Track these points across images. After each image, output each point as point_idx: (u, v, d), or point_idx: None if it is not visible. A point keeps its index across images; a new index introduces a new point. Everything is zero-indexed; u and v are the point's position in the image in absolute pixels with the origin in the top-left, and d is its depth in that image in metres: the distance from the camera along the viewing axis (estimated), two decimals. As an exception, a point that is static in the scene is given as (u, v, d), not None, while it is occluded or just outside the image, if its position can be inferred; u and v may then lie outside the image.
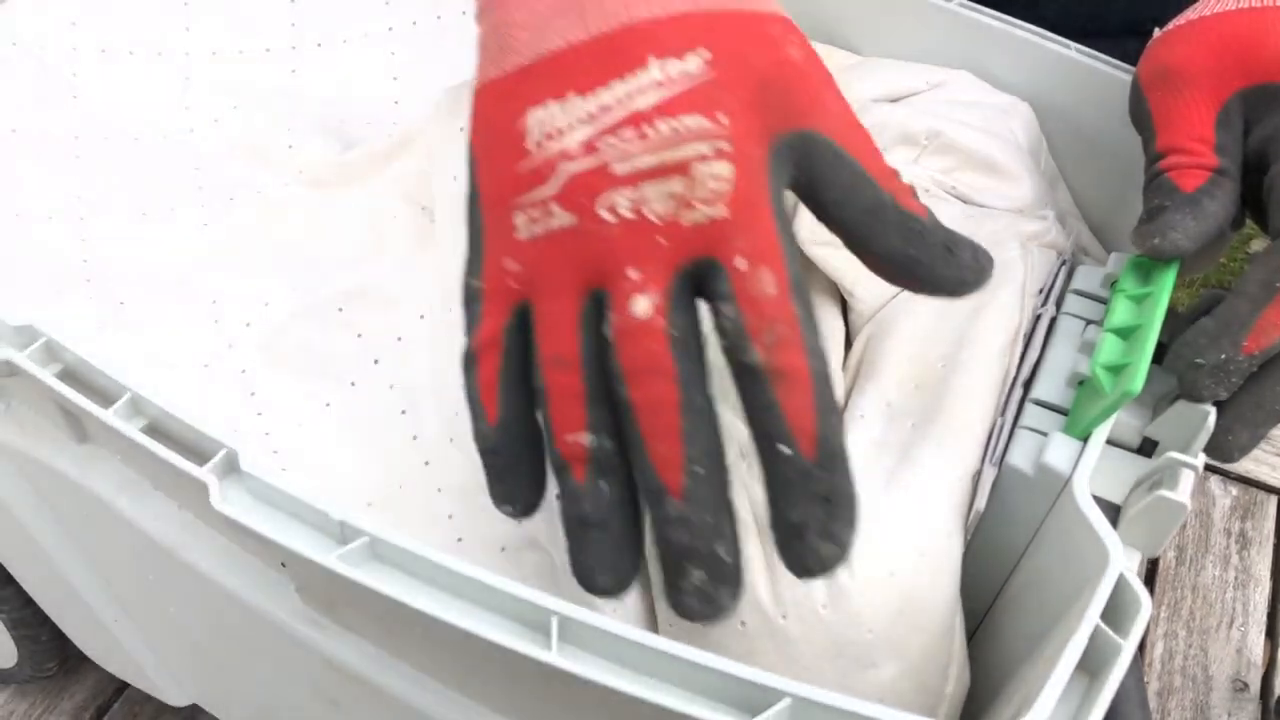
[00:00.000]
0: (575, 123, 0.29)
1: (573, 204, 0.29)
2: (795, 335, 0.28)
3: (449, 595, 0.30)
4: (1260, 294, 0.34)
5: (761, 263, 0.28)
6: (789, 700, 0.28)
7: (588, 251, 0.29)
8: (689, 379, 0.28)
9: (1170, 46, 0.40)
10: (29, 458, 0.41)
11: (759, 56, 0.30)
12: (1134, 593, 0.31)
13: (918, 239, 0.30)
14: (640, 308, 0.28)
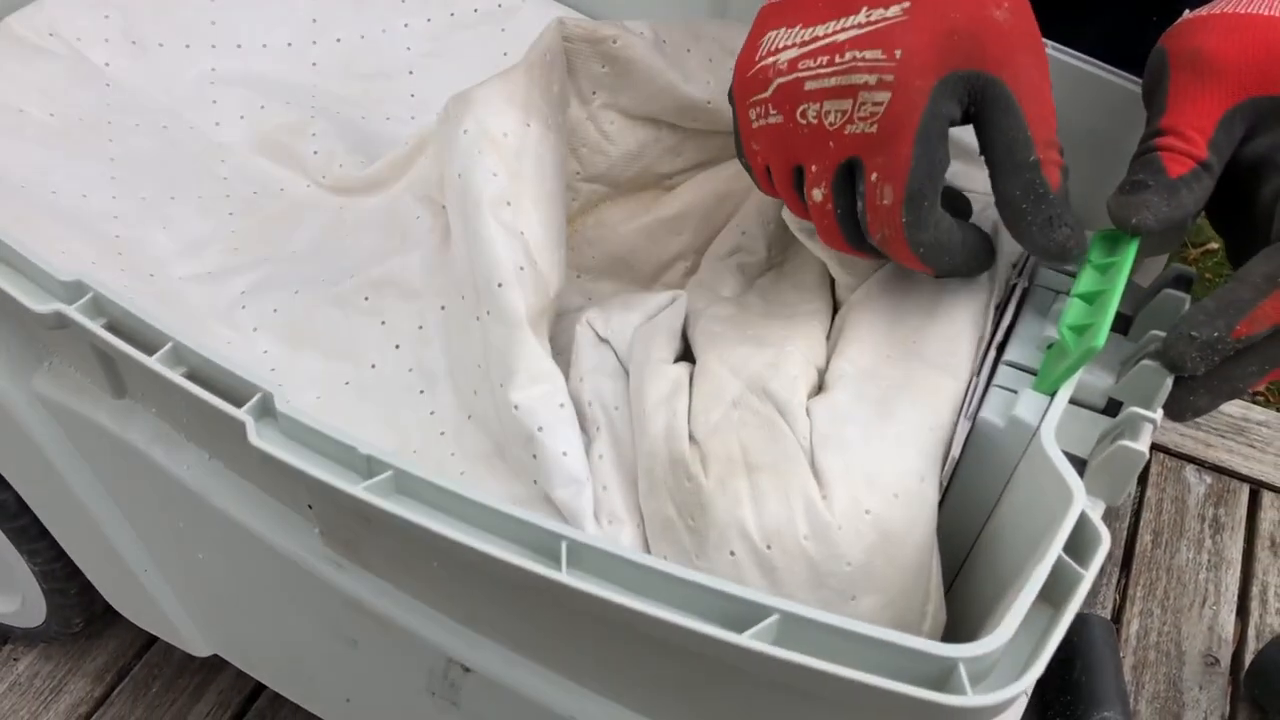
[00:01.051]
0: (790, 45, 0.39)
1: (780, 108, 0.39)
2: (899, 236, 0.38)
3: (468, 525, 0.33)
4: (1263, 285, 0.37)
5: (886, 180, 0.37)
6: (777, 616, 0.31)
7: (790, 144, 0.40)
8: (853, 240, 0.40)
9: (1207, 34, 0.40)
10: (69, 412, 0.44)
11: (957, 10, 0.37)
12: (1095, 529, 0.33)
13: (1035, 201, 0.38)
14: (816, 196, 0.39)
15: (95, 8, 0.59)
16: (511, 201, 0.44)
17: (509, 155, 0.44)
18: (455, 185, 0.45)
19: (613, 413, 0.42)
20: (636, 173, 0.53)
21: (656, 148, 0.52)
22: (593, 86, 0.50)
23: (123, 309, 0.37)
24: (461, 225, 0.44)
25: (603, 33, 0.48)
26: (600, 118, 0.51)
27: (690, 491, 0.38)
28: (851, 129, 0.37)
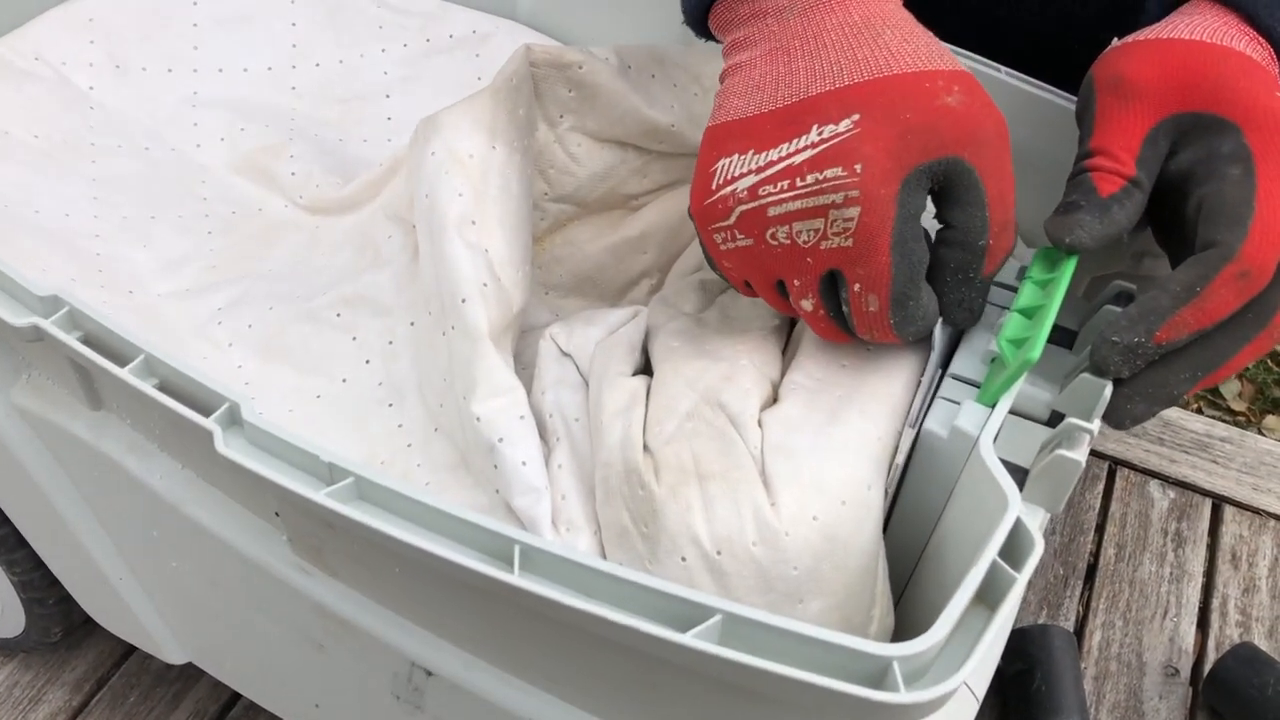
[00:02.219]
0: (747, 171, 0.39)
1: (749, 233, 0.40)
2: (889, 335, 0.40)
3: (426, 530, 0.34)
4: (1182, 294, 0.38)
5: (870, 290, 0.38)
6: (720, 616, 0.32)
7: (765, 263, 0.40)
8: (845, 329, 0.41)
9: (1129, 59, 0.43)
10: (47, 423, 0.45)
11: (907, 108, 0.38)
12: (1029, 535, 0.35)
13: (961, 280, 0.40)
14: (806, 306, 0.40)
15: (80, 33, 0.61)
16: (476, 220, 0.45)
17: (474, 176, 0.46)
18: (423, 205, 0.46)
19: (573, 424, 0.43)
20: (603, 193, 0.54)
21: (623, 169, 0.54)
22: (560, 110, 0.51)
23: (97, 322, 0.38)
24: (429, 243, 0.45)
25: (568, 58, 0.50)
26: (567, 140, 0.52)
27: (644, 499, 0.39)
28: (827, 244, 0.38)
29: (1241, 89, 0.40)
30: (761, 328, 0.45)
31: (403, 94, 0.62)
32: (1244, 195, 0.38)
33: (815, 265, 0.39)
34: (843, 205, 0.37)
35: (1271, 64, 0.43)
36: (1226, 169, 0.39)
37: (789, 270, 0.39)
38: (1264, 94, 0.40)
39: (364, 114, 0.62)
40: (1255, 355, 0.39)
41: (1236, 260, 0.37)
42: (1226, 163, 0.39)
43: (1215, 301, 0.37)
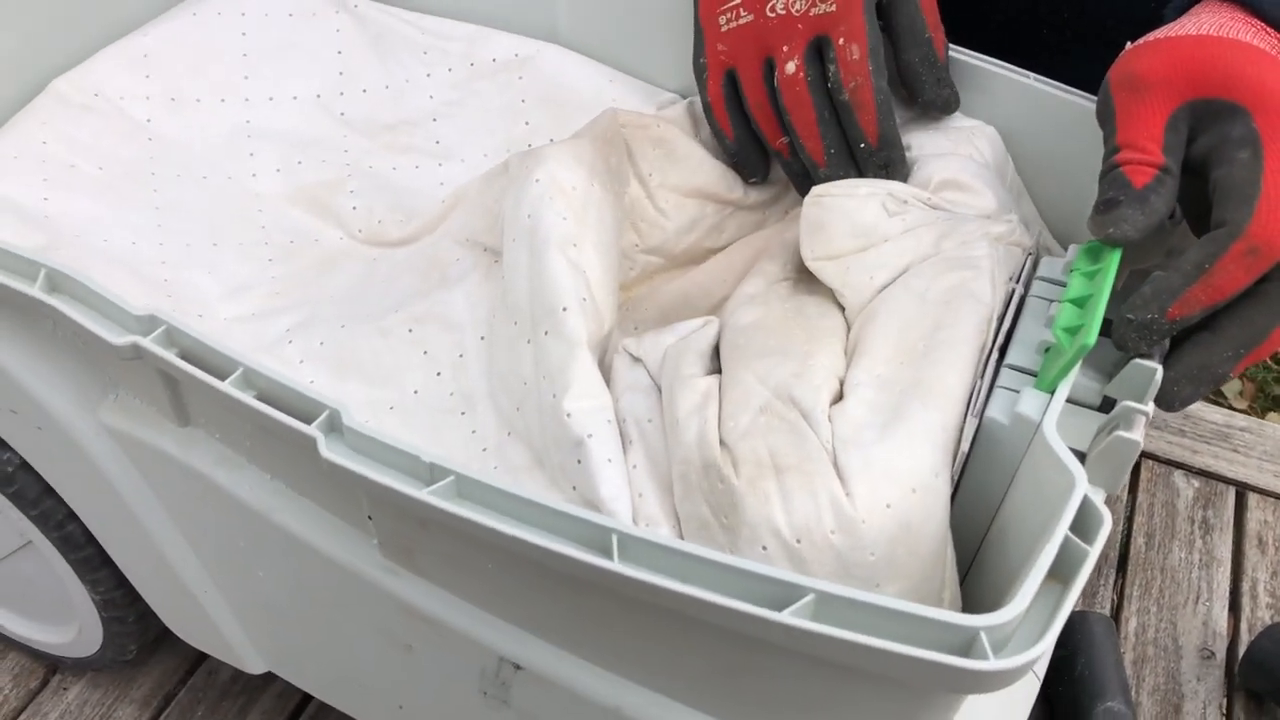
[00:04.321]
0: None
1: (751, 8, 0.51)
2: (867, 83, 0.50)
3: (524, 524, 0.35)
4: (1192, 272, 0.40)
5: (852, 40, 0.50)
6: (813, 595, 0.33)
7: (761, 36, 0.51)
8: (819, 104, 0.51)
9: (1139, 57, 0.45)
10: (135, 440, 0.46)
11: None
12: (1097, 511, 0.36)
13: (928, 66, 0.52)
14: (790, 69, 0.51)
15: (135, 67, 0.62)
16: (577, 244, 0.47)
17: (576, 205, 0.48)
18: (525, 225, 0.48)
19: (645, 425, 0.44)
20: (688, 246, 0.57)
21: (704, 223, 0.57)
22: (649, 169, 0.55)
23: (194, 338, 0.40)
24: (527, 259, 0.47)
25: (648, 120, 0.56)
26: (656, 196, 0.56)
27: (723, 493, 0.40)
28: (816, 11, 0.50)
29: (1249, 75, 0.42)
30: (824, 327, 0.47)
31: (449, 118, 0.64)
32: (1252, 176, 0.40)
33: (805, 30, 0.51)
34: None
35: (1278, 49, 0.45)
36: (1236, 152, 0.41)
37: (782, 37, 0.51)
38: (1271, 79, 0.42)
39: (412, 139, 0.63)
40: None
41: (1244, 238, 0.39)
42: (1236, 146, 0.41)
43: (1224, 278, 0.39)
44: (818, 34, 0.51)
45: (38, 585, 0.56)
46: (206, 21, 0.64)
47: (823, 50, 0.51)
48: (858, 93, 0.50)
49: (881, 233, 0.50)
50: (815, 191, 0.51)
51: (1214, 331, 0.42)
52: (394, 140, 0.64)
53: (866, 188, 0.52)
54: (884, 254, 0.49)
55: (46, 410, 0.46)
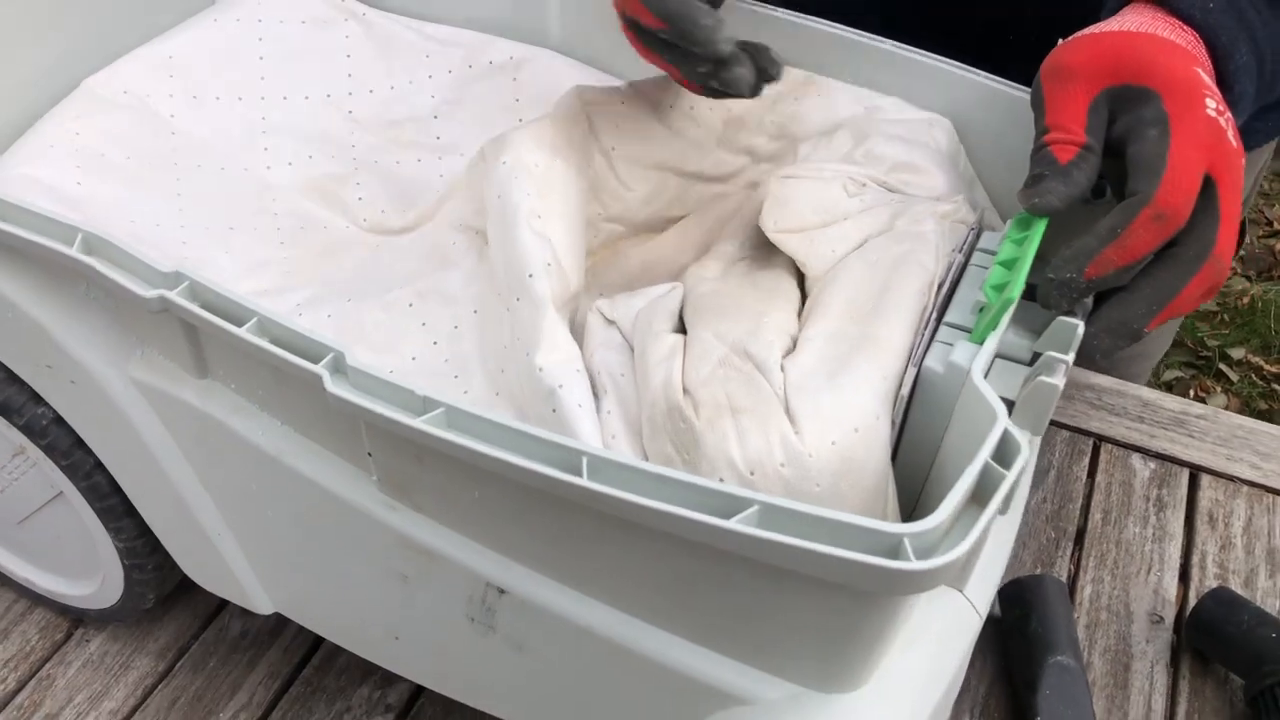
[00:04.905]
0: None
1: None
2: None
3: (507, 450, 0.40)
4: (1106, 236, 0.45)
5: None
6: (757, 506, 0.37)
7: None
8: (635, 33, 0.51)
9: (1066, 51, 0.50)
10: (159, 392, 0.50)
11: None
12: (1016, 441, 0.40)
13: None
14: None
15: (160, 69, 0.67)
16: (541, 215, 0.52)
17: (540, 181, 0.53)
18: (495, 204, 0.52)
19: (618, 378, 0.49)
20: (649, 215, 0.61)
21: (665, 194, 0.61)
22: (611, 143, 0.59)
23: (214, 292, 0.44)
24: (500, 233, 0.52)
25: (613, 96, 0.59)
26: (619, 168, 0.59)
27: (685, 432, 0.45)
28: None
29: (1160, 64, 0.47)
30: (779, 291, 0.51)
31: (448, 116, 0.69)
32: (1159, 151, 0.45)
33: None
34: None
35: (1195, 46, 0.50)
36: (1147, 130, 0.45)
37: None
38: (1180, 67, 0.47)
39: (415, 135, 0.68)
40: (1203, 285, 0.46)
41: (1151, 205, 0.44)
42: (1148, 125, 0.46)
43: (1134, 241, 0.44)
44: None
45: (65, 538, 0.60)
46: (226, 28, 0.70)
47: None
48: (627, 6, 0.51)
49: (842, 210, 0.55)
50: (783, 172, 0.56)
51: (1130, 290, 0.46)
52: (398, 136, 0.68)
53: (831, 170, 0.57)
54: (844, 229, 0.54)
55: (81, 365, 0.51)
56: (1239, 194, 0.47)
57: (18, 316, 0.51)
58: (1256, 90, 0.53)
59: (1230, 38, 0.51)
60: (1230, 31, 0.51)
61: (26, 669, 0.65)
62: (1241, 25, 0.52)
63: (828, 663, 0.43)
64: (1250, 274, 2.29)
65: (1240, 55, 0.51)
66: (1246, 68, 0.52)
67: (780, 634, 0.43)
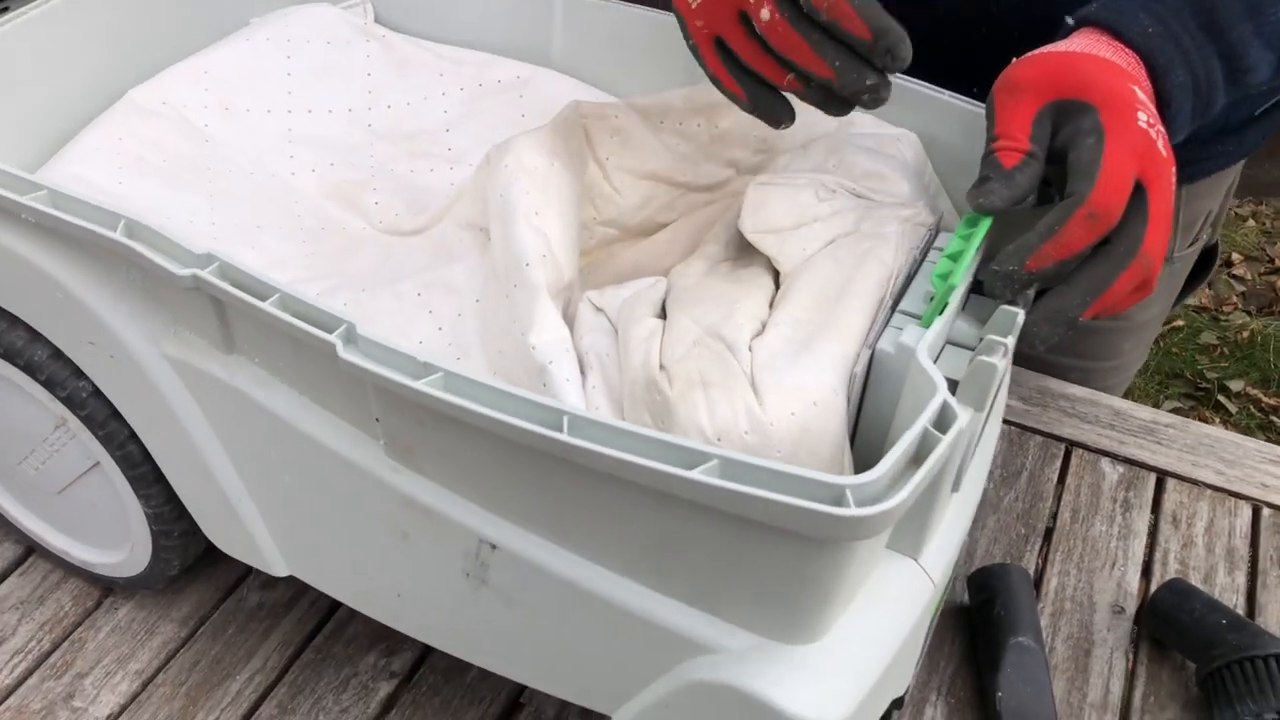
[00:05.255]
0: None
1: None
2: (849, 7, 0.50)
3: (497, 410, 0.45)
4: (1045, 232, 0.49)
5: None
6: (717, 460, 0.42)
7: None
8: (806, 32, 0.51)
9: (1016, 68, 0.55)
10: (189, 367, 0.56)
11: None
12: (953, 410, 0.45)
13: None
14: (764, 15, 0.52)
15: (197, 82, 0.73)
16: (539, 212, 0.57)
17: (538, 181, 0.58)
18: (497, 202, 0.58)
19: (604, 358, 0.53)
20: (641, 220, 0.66)
21: (655, 202, 0.66)
22: (606, 153, 0.64)
23: (240, 270, 0.49)
24: (501, 229, 0.57)
25: (608, 110, 0.63)
26: (612, 177, 0.64)
27: (660, 403, 0.49)
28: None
29: (1099, 80, 0.52)
30: (754, 284, 0.56)
31: (460, 129, 0.74)
32: (1095, 157, 0.49)
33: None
34: None
35: (1135, 67, 0.54)
36: (1085, 139, 0.50)
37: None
38: (1116, 83, 0.52)
39: (428, 146, 0.74)
40: (1133, 280, 0.50)
41: (1085, 205, 0.48)
42: (1086, 134, 0.50)
43: (1070, 237, 0.49)
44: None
45: (100, 507, 0.65)
46: (258, 46, 0.75)
47: None
48: (835, 7, 0.51)
49: (813, 214, 0.59)
50: (758, 179, 0.61)
51: (1067, 283, 0.51)
52: (413, 147, 0.74)
53: (804, 178, 0.61)
54: (815, 230, 0.58)
55: (120, 341, 0.56)
56: (1169, 199, 0.52)
57: (66, 297, 0.56)
58: (1193, 108, 0.58)
59: (1167, 60, 0.56)
60: (1167, 54, 0.56)
61: (60, 632, 0.70)
62: (1178, 49, 0.57)
63: (786, 613, 0.48)
64: (1250, 309, 2.33)
65: (1176, 75, 0.56)
66: (1182, 87, 0.57)
67: (743, 585, 0.47)
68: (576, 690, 0.55)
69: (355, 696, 0.67)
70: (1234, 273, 2.44)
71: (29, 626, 0.70)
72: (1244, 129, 0.82)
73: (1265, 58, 0.59)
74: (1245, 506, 0.81)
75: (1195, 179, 0.85)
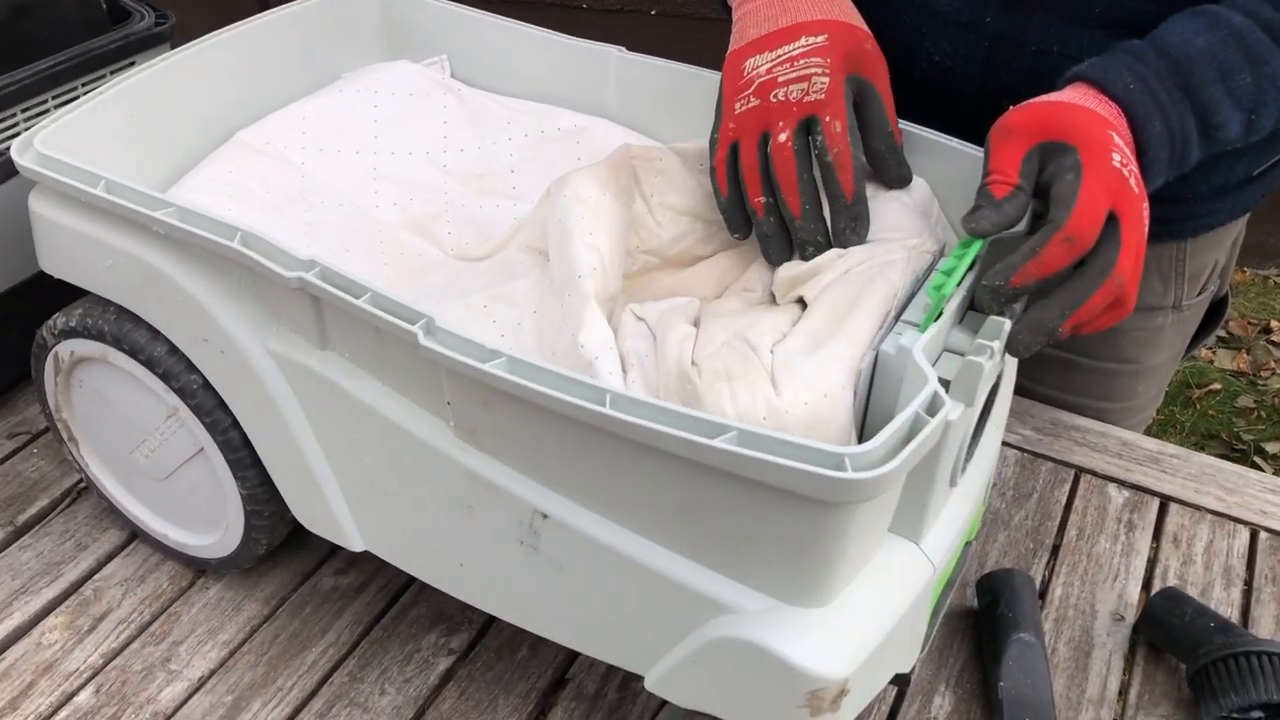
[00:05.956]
0: (764, 63, 0.66)
1: (759, 95, 0.65)
2: (846, 150, 0.64)
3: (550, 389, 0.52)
4: (1028, 253, 0.57)
5: (836, 118, 0.64)
6: (735, 431, 0.50)
7: (763, 116, 0.65)
8: (801, 166, 0.64)
9: (1011, 115, 0.62)
10: (289, 361, 0.64)
11: (851, 41, 0.67)
12: (942, 398, 0.52)
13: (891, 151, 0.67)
14: (781, 139, 0.64)
15: (294, 126, 0.83)
16: (593, 233, 0.65)
17: (592, 209, 0.66)
18: (556, 225, 0.66)
19: (643, 358, 0.61)
20: (679, 251, 0.74)
21: (693, 235, 0.74)
22: (650, 189, 0.72)
23: (339, 274, 0.58)
24: (559, 247, 0.65)
25: (654, 154, 0.71)
26: (656, 212, 0.72)
27: (690, 393, 0.57)
28: (808, 98, 0.64)
29: (1080, 125, 0.59)
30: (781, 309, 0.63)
31: (523, 171, 0.83)
32: (1073, 189, 0.56)
33: (798, 112, 0.64)
34: (820, 75, 0.65)
35: (1116, 117, 0.62)
36: (1066, 175, 0.57)
37: (779, 116, 0.65)
38: (1095, 129, 0.59)
39: (495, 185, 0.82)
40: (1106, 297, 0.57)
41: (1063, 230, 0.56)
42: (1066, 171, 0.58)
43: (1049, 258, 0.56)
44: (808, 115, 0.64)
45: (199, 491, 0.74)
46: (349, 96, 0.85)
47: (810, 128, 0.64)
48: (839, 156, 0.63)
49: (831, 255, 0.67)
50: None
51: (1047, 298, 0.58)
52: (482, 186, 0.83)
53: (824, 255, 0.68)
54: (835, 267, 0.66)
55: (230, 338, 0.65)
56: (1140, 229, 0.59)
57: (185, 299, 0.65)
58: (1169, 156, 0.65)
59: (1145, 112, 0.63)
60: (1146, 108, 0.64)
61: (158, 606, 0.78)
62: (1155, 104, 0.64)
63: (797, 577, 0.55)
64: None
65: (1153, 126, 0.64)
66: (1159, 138, 0.64)
67: (758, 549, 0.54)
68: (614, 650, 0.62)
69: (417, 669, 0.74)
70: (1272, 339, 2.47)
71: (132, 600, 0.78)
72: (1243, 187, 0.89)
73: (1235, 116, 0.67)
74: (1244, 530, 0.87)
75: (1198, 233, 0.91)
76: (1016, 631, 0.73)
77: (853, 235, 0.65)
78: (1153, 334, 0.94)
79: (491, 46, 0.88)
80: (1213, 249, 0.94)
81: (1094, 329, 0.60)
